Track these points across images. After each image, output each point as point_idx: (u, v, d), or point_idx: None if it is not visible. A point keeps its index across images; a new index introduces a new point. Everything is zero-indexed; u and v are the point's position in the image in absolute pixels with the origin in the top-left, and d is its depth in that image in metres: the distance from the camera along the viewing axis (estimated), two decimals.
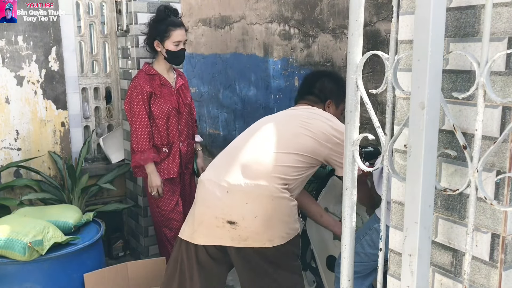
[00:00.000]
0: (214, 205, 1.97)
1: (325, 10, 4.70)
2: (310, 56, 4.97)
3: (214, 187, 1.98)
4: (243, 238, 1.95)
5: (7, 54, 2.96)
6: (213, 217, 1.96)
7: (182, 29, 2.83)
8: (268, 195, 1.94)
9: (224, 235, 1.96)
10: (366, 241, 2.13)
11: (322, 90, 2.30)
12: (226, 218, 1.94)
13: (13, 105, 3.02)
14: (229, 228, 1.94)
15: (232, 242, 1.97)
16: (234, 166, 2.00)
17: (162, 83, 2.86)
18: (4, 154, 3.03)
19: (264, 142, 2.04)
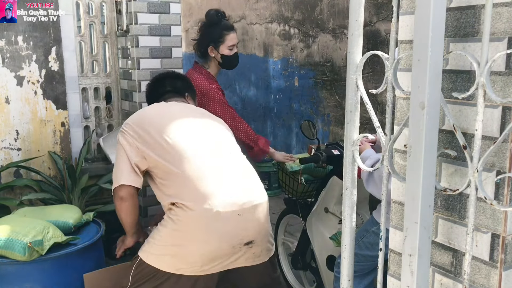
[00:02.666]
0: (231, 236, 1.83)
1: (325, 10, 4.70)
2: (310, 56, 4.97)
3: (223, 215, 1.82)
4: (257, 255, 1.93)
5: (7, 54, 2.96)
6: (231, 247, 1.84)
7: (235, 32, 2.79)
8: (267, 202, 2.00)
9: (239, 257, 1.88)
10: (364, 243, 2.13)
11: (175, 86, 2.27)
12: (243, 241, 1.86)
13: (13, 105, 3.02)
14: (246, 249, 1.88)
15: (246, 261, 1.91)
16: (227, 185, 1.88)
17: (222, 89, 2.84)
18: (4, 154, 3.03)
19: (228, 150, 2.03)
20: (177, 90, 2.27)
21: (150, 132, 1.93)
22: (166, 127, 1.93)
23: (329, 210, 2.64)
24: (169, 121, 1.96)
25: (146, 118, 2.01)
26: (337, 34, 4.64)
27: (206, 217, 1.82)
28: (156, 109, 2.09)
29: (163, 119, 1.98)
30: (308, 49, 5.02)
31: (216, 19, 2.75)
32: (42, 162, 3.15)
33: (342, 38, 4.54)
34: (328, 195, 2.63)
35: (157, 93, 2.27)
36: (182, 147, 1.90)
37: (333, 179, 2.60)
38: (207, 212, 1.81)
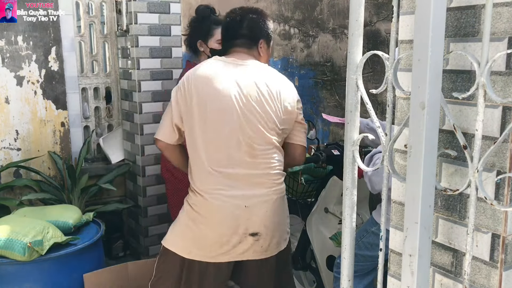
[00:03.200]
0: (236, 223, 1.88)
1: (325, 10, 4.70)
2: (310, 56, 4.97)
3: (229, 204, 1.88)
4: (264, 249, 1.95)
5: (7, 54, 2.96)
6: (237, 234, 1.90)
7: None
8: (281, 197, 1.97)
9: (246, 249, 1.92)
10: (363, 243, 2.13)
11: (252, 29, 2.01)
12: (248, 231, 1.90)
13: (13, 105, 3.02)
14: (252, 241, 1.91)
15: (254, 255, 1.94)
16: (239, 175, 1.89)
17: None
18: (4, 154, 3.03)
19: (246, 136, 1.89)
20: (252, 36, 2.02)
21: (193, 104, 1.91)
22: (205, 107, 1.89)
23: (329, 210, 2.64)
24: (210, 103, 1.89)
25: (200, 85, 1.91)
26: (337, 34, 4.64)
27: (216, 205, 1.88)
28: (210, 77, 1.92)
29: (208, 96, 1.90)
30: (308, 49, 5.03)
31: (206, 13, 2.77)
32: (42, 162, 3.15)
33: (342, 38, 4.54)
34: (328, 195, 2.63)
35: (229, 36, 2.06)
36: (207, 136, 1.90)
37: (333, 179, 2.60)
38: (217, 201, 1.88)
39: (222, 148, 1.89)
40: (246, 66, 1.95)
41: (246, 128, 1.88)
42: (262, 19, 2.05)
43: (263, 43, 2.04)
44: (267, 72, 1.98)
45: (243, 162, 1.89)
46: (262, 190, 1.91)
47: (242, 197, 1.89)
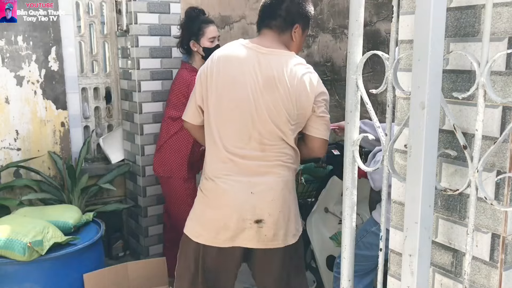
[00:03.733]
0: (241, 208, 1.90)
1: (325, 10, 4.70)
2: (310, 56, 4.97)
3: (236, 188, 1.91)
4: (269, 238, 1.94)
5: (7, 54, 2.96)
6: (241, 219, 1.91)
7: (214, 25, 2.89)
8: (288, 188, 1.96)
9: (251, 236, 1.93)
10: (363, 243, 2.13)
11: (290, 12, 1.93)
12: (254, 218, 1.91)
13: (13, 105, 3.02)
14: (257, 228, 1.92)
15: (258, 243, 1.95)
16: (248, 165, 1.91)
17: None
18: (4, 154, 3.03)
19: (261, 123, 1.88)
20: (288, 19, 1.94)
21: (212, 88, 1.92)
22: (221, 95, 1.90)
23: (329, 210, 2.64)
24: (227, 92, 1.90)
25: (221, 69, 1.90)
26: (337, 34, 4.64)
27: (223, 188, 1.92)
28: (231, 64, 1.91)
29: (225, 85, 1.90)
30: (308, 49, 5.03)
31: (194, 14, 2.85)
32: (42, 162, 3.15)
33: (342, 38, 4.54)
34: (328, 195, 2.63)
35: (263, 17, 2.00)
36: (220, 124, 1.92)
37: (333, 179, 2.60)
38: (225, 184, 1.91)
39: (234, 139, 1.90)
40: (268, 55, 1.90)
41: (257, 123, 1.88)
42: (303, 2, 1.96)
43: (299, 28, 1.96)
44: (289, 64, 1.90)
45: (253, 154, 1.90)
46: (270, 178, 1.91)
47: (249, 184, 1.90)
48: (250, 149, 1.90)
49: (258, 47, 1.92)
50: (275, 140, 1.91)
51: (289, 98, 1.88)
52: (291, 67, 1.90)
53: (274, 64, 1.88)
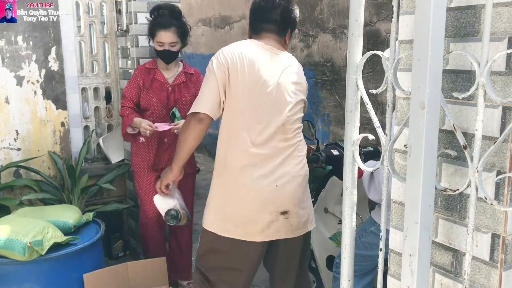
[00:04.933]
0: (266, 202, 1.98)
1: (325, 10, 4.70)
2: (310, 56, 4.97)
3: (260, 183, 1.98)
4: (294, 228, 2.05)
5: (7, 54, 2.96)
6: (268, 213, 1.99)
7: (169, 31, 2.78)
8: (306, 177, 2.10)
9: (279, 228, 2.02)
10: (362, 243, 2.13)
11: (285, 18, 2.08)
12: (279, 210, 2.00)
13: (13, 105, 3.02)
14: (283, 219, 2.01)
15: (286, 234, 2.04)
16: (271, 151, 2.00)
17: (155, 77, 2.89)
18: (4, 154, 3.03)
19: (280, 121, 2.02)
20: (283, 24, 2.10)
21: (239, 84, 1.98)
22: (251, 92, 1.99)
23: (329, 210, 2.64)
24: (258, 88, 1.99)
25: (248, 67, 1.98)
26: (337, 34, 4.64)
27: (248, 184, 1.98)
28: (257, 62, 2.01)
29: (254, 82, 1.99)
30: (308, 49, 5.03)
31: (154, 14, 2.85)
32: (42, 162, 3.15)
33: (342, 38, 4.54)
34: (328, 195, 2.63)
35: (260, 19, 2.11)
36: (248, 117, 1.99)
37: (332, 180, 2.60)
38: (249, 179, 1.98)
39: (260, 131, 1.99)
40: (281, 56, 2.08)
41: (281, 116, 2.01)
42: (294, 9, 2.13)
43: (289, 32, 2.15)
44: (296, 65, 2.12)
45: (277, 146, 2.01)
46: (290, 169, 2.02)
47: (272, 177, 1.99)
48: (275, 142, 2.01)
49: (273, 49, 2.07)
50: (295, 132, 2.07)
51: (298, 93, 2.08)
52: (297, 68, 2.13)
53: (288, 64, 2.08)
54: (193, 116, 2.01)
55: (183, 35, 2.87)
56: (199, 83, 2.96)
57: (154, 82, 2.89)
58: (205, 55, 6.84)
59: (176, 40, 2.82)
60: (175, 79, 2.93)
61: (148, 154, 2.94)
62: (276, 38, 2.10)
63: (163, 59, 2.88)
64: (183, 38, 2.88)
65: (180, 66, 2.98)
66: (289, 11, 2.10)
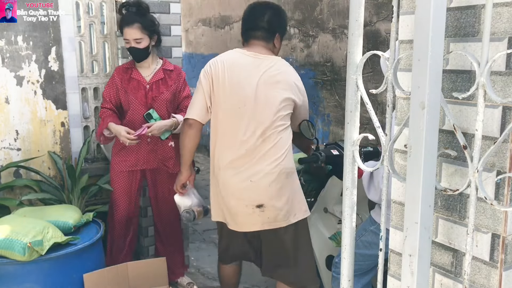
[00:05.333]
0: (242, 196, 2.20)
1: (325, 10, 4.70)
2: (310, 56, 4.97)
3: (236, 179, 2.20)
4: (271, 220, 2.21)
5: (6, 54, 2.96)
6: (244, 206, 2.20)
7: (132, 27, 2.76)
8: (286, 173, 2.21)
9: (256, 220, 2.21)
10: (362, 242, 2.13)
11: (271, 24, 2.27)
12: (254, 203, 2.19)
13: (12, 105, 3.02)
14: (259, 212, 2.20)
15: (263, 225, 2.23)
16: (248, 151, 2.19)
17: (132, 76, 2.87)
18: (4, 154, 3.03)
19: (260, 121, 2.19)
20: (271, 30, 2.28)
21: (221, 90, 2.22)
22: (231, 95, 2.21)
23: (328, 210, 2.64)
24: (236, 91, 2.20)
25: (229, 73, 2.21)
26: (337, 34, 4.64)
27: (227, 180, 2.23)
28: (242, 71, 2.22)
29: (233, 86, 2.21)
30: (308, 49, 5.03)
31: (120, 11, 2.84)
32: (42, 162, 3.14)
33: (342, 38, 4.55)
34: (327, 195, 2.63)
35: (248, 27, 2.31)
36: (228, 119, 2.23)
37: (332, 179, 2.60)
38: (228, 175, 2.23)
39: (238, 130, 2.20)
40: (264, 60, 2.24)
41: (259, 116, 2.18)
42: (280, 15, 2.34)
43: (278, 36, 2.32)
44: (279, 65, 2.25)
45: (254, 144, 2.18)
46: (266, 166, 2.18)
47: (247, 173, 2.19)
48: (253, 141, 2.18)
49: (255, 54, 2.25)
50: (274, 130, 2.19)
51: (281, 93, 2.20)
52: (282, 69, 2.26)
53: (270, 67, 2.23)
54: (185, 122, 2.31)
55: (150, 31, 2.80)
56: (179, 80, 2.96)
57: (131, 81, 2.87)
58: (205, 55, 6.84)
59: (141, 36, 2.76)
60: (153, 76, 2.89)
61: (129, 155, 2.92)
62: (262, 44, 2.28)
63: (132, 56, 2.87)
64: (151, 33, 2.81)
65: (159, 63, 2.94)
66: (276, 17, 2.29)
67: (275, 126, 2.19)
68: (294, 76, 2.27)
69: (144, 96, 2.87)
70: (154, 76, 2.90)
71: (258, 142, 2.18)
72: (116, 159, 2.95)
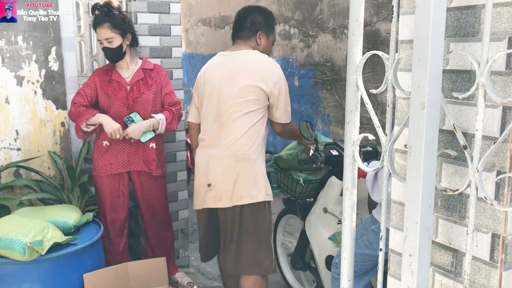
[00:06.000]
0: (201, 176, 2.46)
1: (325, 10, 4.70)
2: (310, 56, 4.97)
3: (202, 160, 2.47)
4: (217, 199, 2.41)
5: (7, 54, 2.96)
6: (202, 185, 2.45)
7: (102, 27, 2.73)
8: (232, 157, 2.36)
9: (207, 198, 2.44)
10: (363, 242, 2.13)
11: (253, 23, 2.47)
12: (206, 182, 2.42)
13: (13, 105, 3.02)
14: (207, 190, 2.42)
15: (210, 203, 2.44)
16: (207, 136, 2.45)
17: (112, 78, 2.84)
18: (4, 154, 3.03)
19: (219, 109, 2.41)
20: (252, 29, 2.47)
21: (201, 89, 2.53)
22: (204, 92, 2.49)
23: (328, 210, 2.64)
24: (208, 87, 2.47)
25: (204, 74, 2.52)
26: (337, 34, 4.64)
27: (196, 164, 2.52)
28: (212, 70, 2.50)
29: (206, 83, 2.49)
30: (308, 49, 5.03)
31: (93, 13, 2.80)
32: (42, 162, 3.15)
33: (342, 38, 4.55)
34: (327, 195, 2.63)
35: (235, 30, 2.54)
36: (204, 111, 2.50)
37: (331, 180, 2.60)
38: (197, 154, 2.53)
39: (207, 121, 2.46)
40: (235, 55, 2.45)
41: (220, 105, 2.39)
42: (263, 15, 2.51)
43: (262, 34, 2.49)
44: (245, 57, 2.43)
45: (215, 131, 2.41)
46: (218, 151, 2.39)
47: (206, 156, 2.44)
48: (214, 129, 2.41)
49: (229, 52, 2.50)
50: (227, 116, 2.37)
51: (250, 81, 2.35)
52: (254, 60, 2.42)
53: (239, 60, 2.43)
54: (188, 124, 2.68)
55: (121, 29, 2.75)
56: (160, 78, 2.92)
57: (111, 83, 2.84)
58: (205, 55, 6.84)
59: (111, 36, 2.73)
60: (133, 77, 2.86)
61: (113, 157, 2.89)
62: (243, 42, 2.48)
63: (106, 57, 2.84)
64: (123, 32, 2.76)
65: (139, 63, 2.91)
66: (259, 16, 2.49)
67: (229, 112, 2.36)
68: (258, 65, 2.39)
69: (126, 98, 2.83)
70: (134, 76, 2.86)
71: (215, 128, 2.41)
72: (100, 163, 2.89)
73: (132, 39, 2.83)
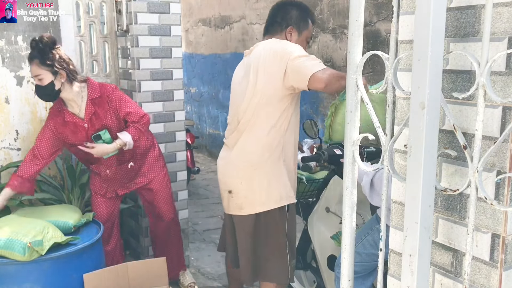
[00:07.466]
0: (221, 181, 2.41)
1: (325, 10, 4.70)
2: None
3: (221, 163, 2.42)
4: (239, 206, 2.32)
5: (7, 54, 2.96)
6: (221, 190, 2.41)
7: (31, 64, 2.53)
8: (249, 165, 2.27)
9: (229, 205, 2.36)
10: (368, 241, 2.12)
11: (284, 17, 2.33)
12: (227, 188, 2.35)
13: (12, 105, 3.02)
14: (229, 197, 2.34)
15: (233, 210, 2.34)
16: (228, 139, 2.38)
17: (66, 120, 2.66)
18: (4, 154, 3.03)
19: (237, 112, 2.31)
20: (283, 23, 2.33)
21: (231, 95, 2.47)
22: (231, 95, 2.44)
23: (330, 210, 2.64)
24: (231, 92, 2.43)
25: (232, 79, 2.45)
26: (337, 34, 4.64)
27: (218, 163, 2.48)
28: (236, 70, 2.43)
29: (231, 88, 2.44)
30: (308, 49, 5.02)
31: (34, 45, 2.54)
32: None
33: (342, 38, 4.55)
34: (330, 195, 2.63)
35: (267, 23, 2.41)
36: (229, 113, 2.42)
37: (334, 179, 2.59)
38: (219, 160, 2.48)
39: (230, 123, 2.38)
40: (254, 50, 2.29)
41: (239, 106, 2.28)
42: (298, 9, 2.35)
43: (293, 29, 2.32)
44: (263, 47, 2.23)
45: (232, 136, 2.33)
46: (234, 156, 2.31)
47: (225, 161, 2.38)
48: (232, 131, 2.33)
49: (252, 49, 2.33)
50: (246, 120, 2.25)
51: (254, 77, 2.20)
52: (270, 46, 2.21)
53: (251, 55, 2.27)
54: None
55: (51, 66, 2.50)
56: (111, 103, 2.70)
57: (67, 125, 2.67)
58: (205, 55, 6.84)
59: (39, 73, 2.50)
60: (85, 113, 2.66)
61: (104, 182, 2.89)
62: (270, 37, 2.32)
63: (38, 96, 2.64)
64: (54, 69, 2.51)
65: (85, 95, 2.66)
66: (291, 11, 2.34)
67: (246, 118, 2.25)
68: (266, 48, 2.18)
69: (85, 137, 2.69)
70: (86, 112, 2.65)
71: (234, 134, 2.32)
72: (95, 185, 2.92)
73: (67, 75, 2.56)
